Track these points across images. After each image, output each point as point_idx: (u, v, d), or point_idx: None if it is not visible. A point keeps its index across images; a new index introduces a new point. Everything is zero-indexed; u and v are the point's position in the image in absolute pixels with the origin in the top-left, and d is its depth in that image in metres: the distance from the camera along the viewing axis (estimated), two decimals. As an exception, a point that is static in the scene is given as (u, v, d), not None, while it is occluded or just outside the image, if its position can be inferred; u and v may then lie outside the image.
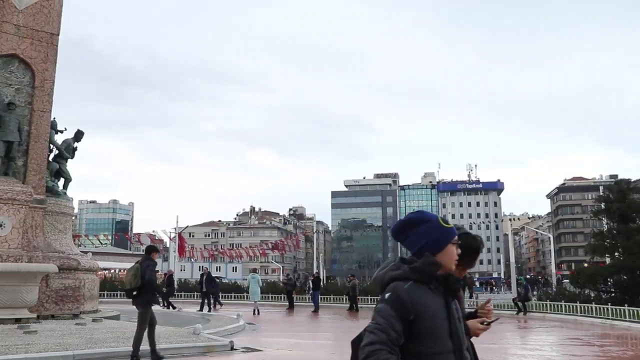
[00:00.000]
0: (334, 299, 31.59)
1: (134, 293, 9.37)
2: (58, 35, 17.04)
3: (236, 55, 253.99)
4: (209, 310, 24.21)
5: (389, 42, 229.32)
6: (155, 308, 10.14)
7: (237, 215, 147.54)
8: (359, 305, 27.68)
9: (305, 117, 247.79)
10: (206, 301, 25.23)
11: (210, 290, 25.84)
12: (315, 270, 41.16)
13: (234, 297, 34.81)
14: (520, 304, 24.71)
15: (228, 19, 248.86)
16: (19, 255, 14.19)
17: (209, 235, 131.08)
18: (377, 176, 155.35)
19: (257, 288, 24.43)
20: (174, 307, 24.81)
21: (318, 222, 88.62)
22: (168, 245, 72.41)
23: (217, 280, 30.97)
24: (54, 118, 17.47)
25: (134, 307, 9.55)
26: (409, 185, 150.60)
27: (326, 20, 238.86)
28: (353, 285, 28.33)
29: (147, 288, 9.31)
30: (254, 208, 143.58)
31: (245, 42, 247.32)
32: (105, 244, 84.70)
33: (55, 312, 15.04)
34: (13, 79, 16.25)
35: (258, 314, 22.64)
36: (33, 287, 14.09)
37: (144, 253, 10.33)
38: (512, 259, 39.69)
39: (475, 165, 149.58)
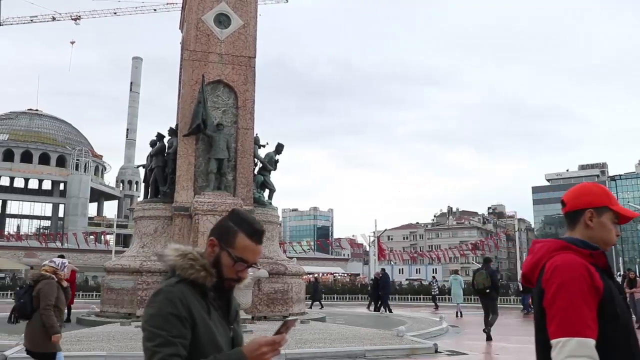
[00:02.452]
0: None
1: (487, 291, 13.69)
2: (255, 58, 18.45)
3: (428, 56, 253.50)
4: (382, 311, 24.07)
5: (591, 22, 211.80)
6: (359, 311, 10.43)
7: (434, 216, 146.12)
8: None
9: (501, 111, 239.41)
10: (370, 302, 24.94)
11: (385, 292, 25.43)
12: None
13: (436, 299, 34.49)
14: None
15: (415, 20, 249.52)
16: (234, 262, 15.52)
17: (407, 238, 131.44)
18: (582, 167, 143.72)
19: (459, 290, 23.93)
20: (386, 310, 24.80)
21: (519, 220, 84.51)
22: (368, 249, 74.19)
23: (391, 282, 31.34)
24: (257, 134, 18.84)
25: (484, 300, 14.09)
26: (620, 175, 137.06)
27: (515, 6, 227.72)
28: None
29: (495, 287, 13.92)
30: (451, 208, 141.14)
31: (436, 41, 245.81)
32: (308, 249, 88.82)
33: (267, 313, 16.19)
34: (220, 102, 17.97)
35: (461, 316, 22.21)
36: (247, 291, 15.33)
37: (483, 262, 15.35)
38: None
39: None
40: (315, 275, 40.00)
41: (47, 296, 6.04)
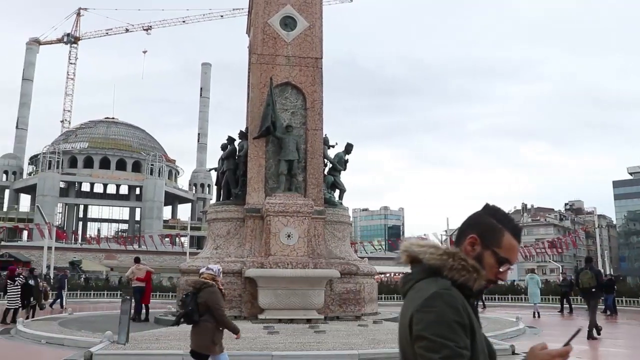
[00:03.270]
0: (626, 301, 28.37)
1: (593, 290, 13.90)
2: (321, 59, 18.51)
3: (499, 48, 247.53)
4: None
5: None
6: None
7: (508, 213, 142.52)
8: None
9: (578, 101, 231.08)
10: None
11: None
12: (608, 272, 37.47)
13: (511, 299, 33.61)
14: None
15: (486, 12, 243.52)
16: (306, 262, 15.60)
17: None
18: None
19: (536, 289, 23.16)
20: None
21: (600, 216, 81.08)
22: (440, 248, 72.88)
23: None
24: (326, 134, 18.87)
25: (589, 300, 14.30)
26: None
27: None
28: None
29: (600, 287, 14.17)
30: (525, 205, 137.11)
31: (508, 32, 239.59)
32: (379, 249, 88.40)
33: (339, 313, 16.19)
34: (288, 104, 18.14)
35: (538, 316, 21.51)
36: (320, 291, 15.42)
37: (585, 262, 15.59)
38: None
39: None
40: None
41: (218, 306, 6.68)
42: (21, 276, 17.97)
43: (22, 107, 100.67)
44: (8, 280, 18.01)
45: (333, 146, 19.69)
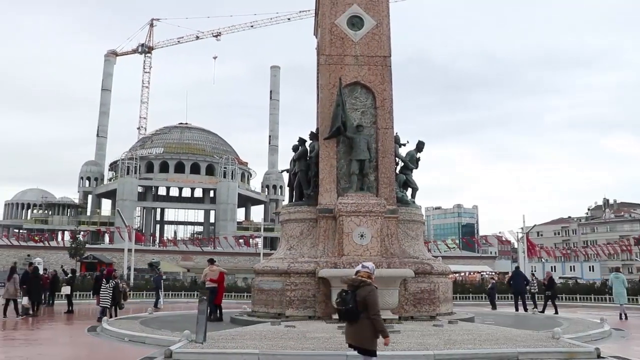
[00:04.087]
0: None
1: None
2: (390, 57, 18.36)
3: (578, 37, 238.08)
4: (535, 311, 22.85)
5: None
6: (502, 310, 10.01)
7: (588, 209, 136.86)
8: None
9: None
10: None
11: (519, 289, 23.98)
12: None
13: (594, 299, 32.27)
14: None
15: (556, 1, 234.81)
16: (379, 262, 15.49)
17: (558, 233, 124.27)
18: None
19: (622, 289, 22.04)
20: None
21: (688, 211, 76.67)
22: (516, 246, 71.12)
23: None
24: (397, 133, 18.69)
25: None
26: None
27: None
28: None
29: None
30: (607, 200, 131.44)
31: (587, 19, 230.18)
32: (453, 247, 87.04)
33: (414, 314, 15.97)
34: (358, 103, 18.10)
35: (625, 318, 20.48)
36: (393, 291, 15.27)
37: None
38: None
39: None
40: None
41: (375, 304, 7.02)
42: (114, 279, 19.03)
43: (102, 116, 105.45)
44: (103, 280, 18.86)
45: (404, 144, 19.50)
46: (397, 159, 18.80)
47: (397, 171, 18.91)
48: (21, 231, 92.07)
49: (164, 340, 11.99)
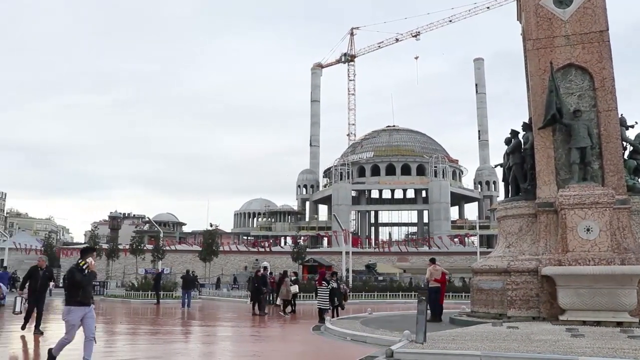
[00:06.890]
0: None
1: None
2: (607, 31, 16.64)
3: None
4: None
5: None
6: None
7: None
8: None
9: None
10: None
11: None
12: None
13: None
14: None
15: None
16: (610, 258, 14.12)
17: None
18: None
19: None
20: None
21: None
22: None
23: None
24: (622, 114, 17.01)
25: None
26: None
27: None
28: None
29: None
30: None
31: None
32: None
33: (659, 316, 14.20)
34: (573, 87, 16.70)
35: None
36: (631, 290, 13.74)
37: None
38: None
39: None
40: None
41: None
42: (332, 281, 19.99)
43: (313, 126, 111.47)
44: (322, 282, 19.90)
45: (632, 126, 17.70)
46: (624, 143, 17.08)
47: (626, 157, 17.22)
48: (249, 238, 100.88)
49: (384, 340, 12.17)
